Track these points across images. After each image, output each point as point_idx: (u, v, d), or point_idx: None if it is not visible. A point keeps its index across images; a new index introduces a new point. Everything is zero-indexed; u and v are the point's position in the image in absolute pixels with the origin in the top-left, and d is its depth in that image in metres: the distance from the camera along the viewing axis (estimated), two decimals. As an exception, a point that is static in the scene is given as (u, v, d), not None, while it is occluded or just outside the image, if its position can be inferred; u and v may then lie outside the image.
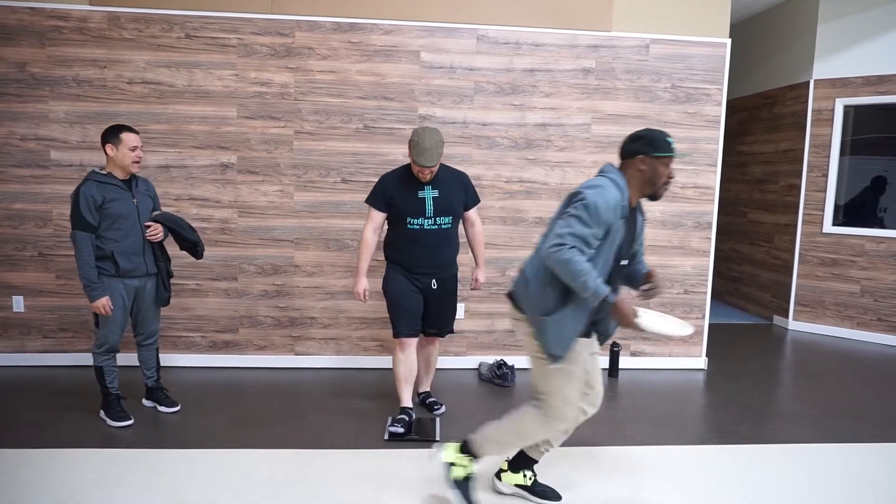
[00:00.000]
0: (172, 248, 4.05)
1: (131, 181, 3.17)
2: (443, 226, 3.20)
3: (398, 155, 4.17)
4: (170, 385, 3.88)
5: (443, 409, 3.53)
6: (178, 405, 3.47)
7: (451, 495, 2.50)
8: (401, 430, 3.19)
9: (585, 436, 3.30)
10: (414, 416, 3.34)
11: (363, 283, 3.27)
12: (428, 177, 3.11)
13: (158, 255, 3.29)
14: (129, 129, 3.09)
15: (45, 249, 4.09)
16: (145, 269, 3.21)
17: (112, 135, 3.06)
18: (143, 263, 3.19)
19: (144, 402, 3.53)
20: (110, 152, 3.06)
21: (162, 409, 3.45)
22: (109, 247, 3.08)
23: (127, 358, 4.20)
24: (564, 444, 3.17)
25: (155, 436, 3.15)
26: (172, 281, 4.16)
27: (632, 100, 4.29)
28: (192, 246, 3.34)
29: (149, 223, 3.19)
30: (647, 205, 4.38)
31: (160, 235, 3.22)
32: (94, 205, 3.01)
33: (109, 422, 3.24)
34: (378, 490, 2.66)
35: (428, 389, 3.65)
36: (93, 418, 3.34)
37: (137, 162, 3.11)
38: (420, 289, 3.26)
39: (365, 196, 4.18)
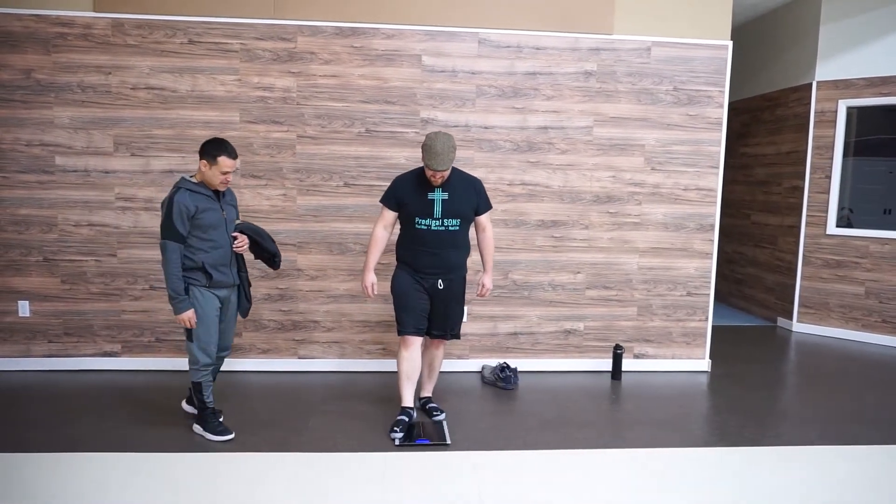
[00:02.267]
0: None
1: (219, 192, 3.12)
2: (450, 228, 3.24)
3: (400, 159, 4.18)
4: (173, 388, 3.90)
5: (442, 415, 3.50)
6: (220, 415, 3.38)
7: None
8: (400, 434, 3.21)
9: (588, 438, 3.30)
10: (415, 415, 3.37)
11: (371, 277, 3.31)
12: (439, 181, 3.15)
13: (241, 265, 3.25)
14: (229, 154, 2.99)
15: (50, 254, 4.11)
16: (232, 280, 3.17)
17: (210, 153, 2.97)
18: (230, 275, 3.15)
19: (185, 406, 3.48)
20: (203, 168, 3.00)
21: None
22: (200, 258, 3.02)
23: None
24: (565, 447, 3.18)
25: (159, 439, 3.16)
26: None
27: (634, 102, 4.29)
28: (271, 257, 3.31)
29: (235, 234, 3.16)
30: (647, 208, 4.39)
31: (246, 246, 3.19)
32: (188, 214, 2.95)
33: (209, 436, 3.16)
34: (383, 493, 2.67)
35: (429, 395, 3.63)
36: (97, 422, 3.36)
37: (225, 184, 3.05)
38: (426, 289, 3.29)
39: (368, 200, 4.19)
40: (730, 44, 4.29)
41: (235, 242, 3.15)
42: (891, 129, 5.34)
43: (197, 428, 3.23)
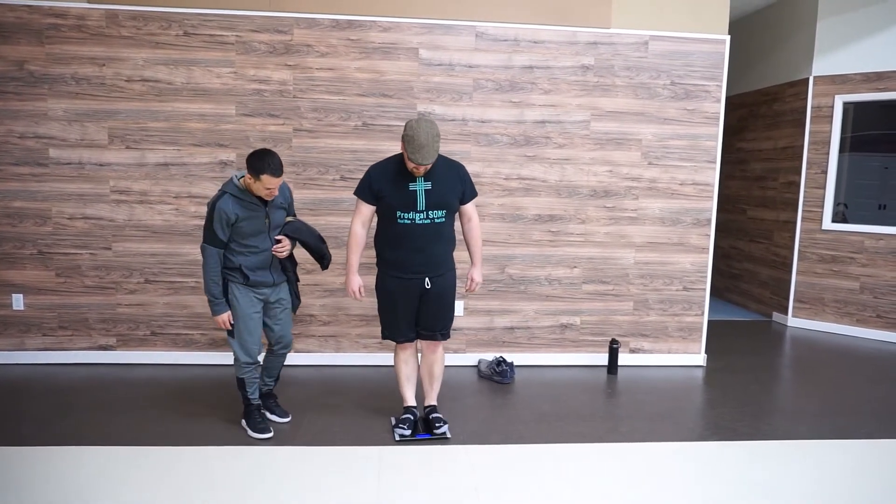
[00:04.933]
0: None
1: None
2: (436, 220, 2.99)
3: (397, 152, 4.16)
4: (170, 383, 3.89)
5: (445, 427, 3.21)
6: (289, 416, 3.37)
7: None
8: (407, 431, 3.17)
9: (584, 432, 3.31)
10: (418, 414, 3.32)
11: (356, 281, 3.09)
12: (422, 172, 2.91)
13: (286, 263, 3.20)
14: (272, 173, 2.84)
15: (44, 247, 4.09)
16: (272, 280, 3.12)
17: (254, 168, 2.85)
18: (269, 276, 3.10)
19: (268, 415, 3.39)
20: (248, 179, 2.91)
21: (273, 417, 3.34)
22: (238, 260, 3.00)
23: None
24: (561, 441, 3.18)
25: (155, 433, 3.15)
26: (176, 279, 4.16)
27: (631, 97, 4.28)
28: (320, 257, 3.25)
29: (279, 237, 3.09)
30: (644, 202, 4.39)
31: (286, 252, 3.11)
32: (228, 222, 2.92)
33: (251, 433, 3.14)
34: (379, 487, 2.67)
35: (434, 403, 3.35)
36: (92, 415, 3.35)
37: (270, 195, 2.96)
38: (413, 290, 3.07)
39: (364, 193, 4.17)
40: (727, 38, 4.28)
41: (275, 247, 3.07)
42: (886, 125, 5.35)
43: (243, 422, 3.23)
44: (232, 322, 3.05)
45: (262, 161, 2.84)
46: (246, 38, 4.01)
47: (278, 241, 3.09)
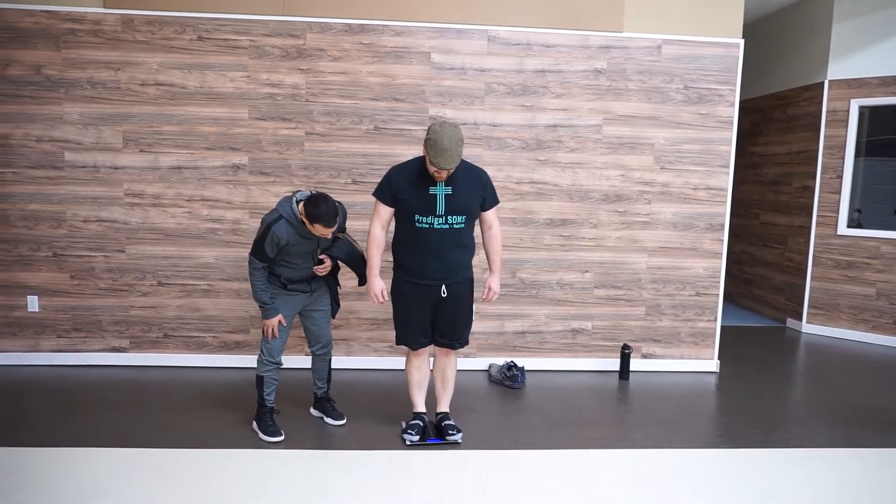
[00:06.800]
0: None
1: None
2: (455, 226, 2.95)
3: (409, 156, 4.17)
4: (182, 385, 3.91)
5: (459, 435, 3.17)
6: (344, 418, 3.39)
7: None
8: (416, 437, 3.15)
9: (595, 438, 3.29)
10: (427, 419, 3.30)
11: (378, 284, 3.05)
12: (444, 177, 2.87)
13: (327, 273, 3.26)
14: (325, 224, 2.85)
15: (59, 250, 4.13)
16: (309, 288, 3.20)
17: (310, 214, 2.85)
18: (307, 285, 3.19)
19: (312, 411, 3.51)
20: (304, 217, 2.91)
21: (328, 420, 3.38)
22: (279, 271, 3.09)
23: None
24: (572, 447, 3.16)
25: (166, 435, 3.17)
26: (189, 282, 4.19)
27: (643, 101, 4.26)
28: (359, 275, 3.26)
29: (322, 256, 3.14)
30: (657, 207, 4.36)
31: (327, 272, 3.18)
32: (279, 245, 2.94)
33: (261, 435, 3.17)
34: (387, 491, 2.66)
35: (446, 410, 3.31)
36: (104, 417, 3.37)
37: (325, 237, 2.98)
38: (429, 297, 3.03)
39: (375, 197, 4.18)
40: (741, 42, 4.25)
41: (318, 267, 3.14)
42: (903, 129, 5.29)
43: (254, 424, 3.26)
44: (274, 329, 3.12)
45: (318, 209, 2.84)
46: (259, 43, 4.03)
47: (321, 262, 3.15)
